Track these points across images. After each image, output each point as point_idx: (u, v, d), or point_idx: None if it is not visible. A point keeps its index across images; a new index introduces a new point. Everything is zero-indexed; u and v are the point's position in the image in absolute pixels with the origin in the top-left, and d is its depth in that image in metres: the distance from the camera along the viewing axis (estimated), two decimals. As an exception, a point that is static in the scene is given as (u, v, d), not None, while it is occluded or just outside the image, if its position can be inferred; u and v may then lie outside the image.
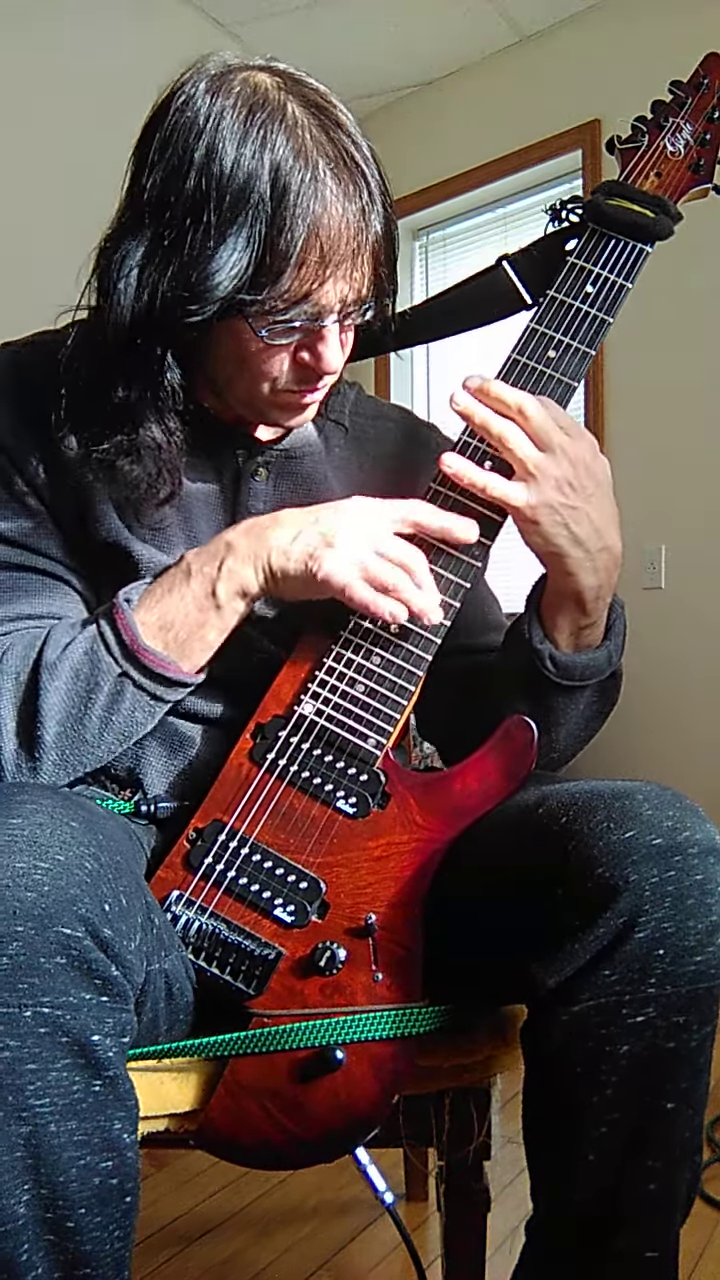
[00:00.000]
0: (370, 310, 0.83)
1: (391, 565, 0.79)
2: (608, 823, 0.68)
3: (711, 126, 0.94)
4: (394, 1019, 0.75)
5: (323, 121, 0.76)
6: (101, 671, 0.78)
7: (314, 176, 0.74)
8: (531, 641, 0.86)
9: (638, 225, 0.89)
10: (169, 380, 0.81)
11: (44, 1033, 0.59)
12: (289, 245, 0.74)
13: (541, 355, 0.87)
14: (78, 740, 0.79)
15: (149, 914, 0.70)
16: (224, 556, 0.80)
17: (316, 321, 0.79)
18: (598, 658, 0.88)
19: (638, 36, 2.75)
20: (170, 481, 0.84)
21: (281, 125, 0.74)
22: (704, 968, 0.67)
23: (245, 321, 0.77)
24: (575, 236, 0.92)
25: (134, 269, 0.77)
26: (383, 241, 0.80)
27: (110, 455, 0.81)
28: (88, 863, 0.62)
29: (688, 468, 2.69)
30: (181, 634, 0.79)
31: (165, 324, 0.77)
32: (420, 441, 1.02)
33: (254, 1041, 0.75)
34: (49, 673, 0.78)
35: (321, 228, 0.74)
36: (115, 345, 0.78)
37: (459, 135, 3.22)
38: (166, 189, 0.75)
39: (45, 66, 2.60)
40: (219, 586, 0.79)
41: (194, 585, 0.80)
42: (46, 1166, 0.59)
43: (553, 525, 0.81)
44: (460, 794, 0.80)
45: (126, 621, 0.79)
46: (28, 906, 0.58)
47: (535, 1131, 0.74)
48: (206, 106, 0.75)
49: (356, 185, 0.76)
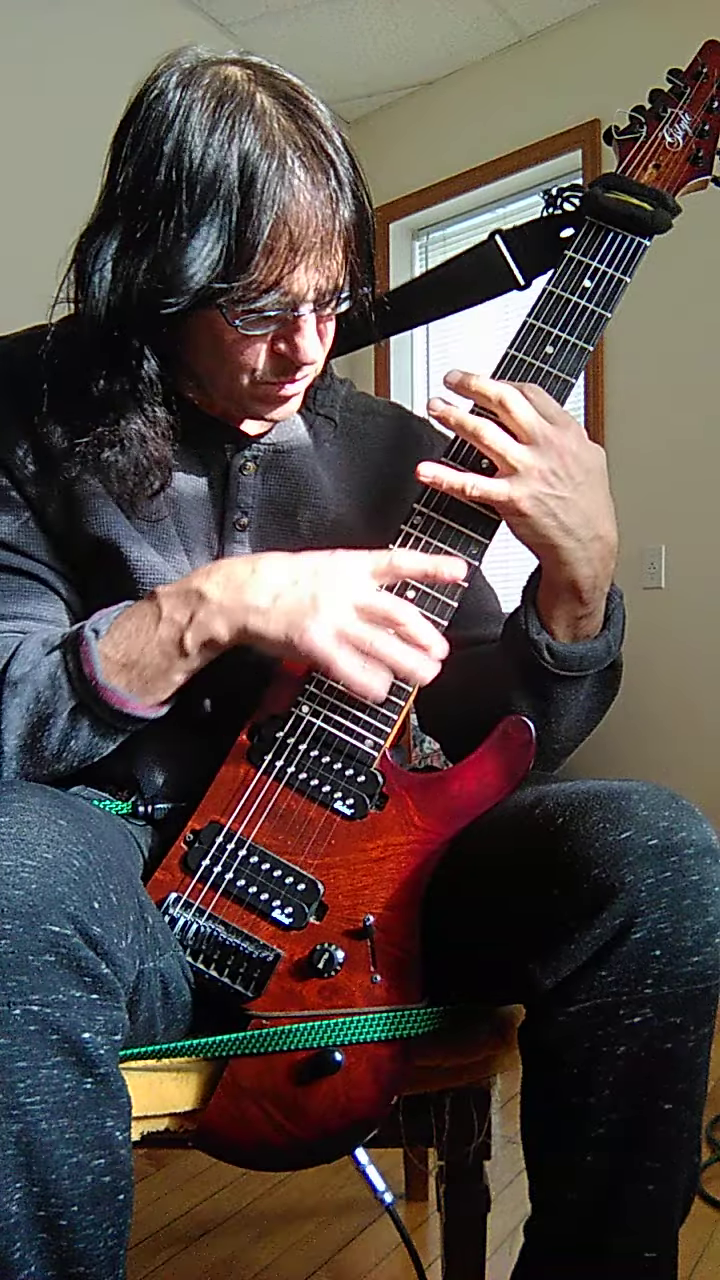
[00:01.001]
0: (346, 300, 0.83)
1: (375, 624, 0.78)
2: (604, 823, 0.68)
3: (711, 117, 0.93)
4: (392, 1020, 0.75)
5: (292, 111, 0.77)
6: (61, 700, 0.78)
7: (281, 165, 0.74)
8: (528, 633, 0.85)
9: (636, 219, 0.88)
10: (147, 371, 0.81)
11: (33, 1030, 0.59)
12: (257, 233, 0.74)
13: (539, 351, 0.86)
14: (37, 757, 0.79)
15: (142, 913, 0.70)
16: (195, 608, 0.77)
17: (291, 311, 0.79)
18: (596, 647, 0.87)
19: (638, 36, 2.75)
20: (160, 474, 0.84)
21: (250, 115, 0.75)
22: (701, 968, 0.68)
23: (220, 312, 0.77)
24: (570, 225, 0.91)
25: (108, 262, 0.77)
26: (354, 230, 0.80)
27: (95, 447, 0.81)
28: (76, 860, 0.62)
29: (688, 468, 2.69)
30: (146, 674, 0.78)
31: (141, 316, 0.77)
32: (412, 436, 1.02)
33: (253, 1042, 0.75)
34: (11, 689, 0.78)
35: (289, 215, 0.74)
36: (93, 338, 0.79)
37: (459, 135, 3.22)
38: (138, 182, 0.76)
39: (44, 66, 2.60)
40: (187, 636, 0.77)
41: (161, 630, 0.78)
42: (38, 1164, 0.60)
43: (540, 517, 0.80)
44: (457, 794, 0.80)
45: (89, 655, 0.77)
46: (15, 904, 0.58)
47: (534, 1132, 0.74)
48: (177, 99, 0.75)
49: (325, 174, 0.76)
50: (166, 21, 2.90)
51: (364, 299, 0.86)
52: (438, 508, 0.84)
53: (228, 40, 3.05)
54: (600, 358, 2.86)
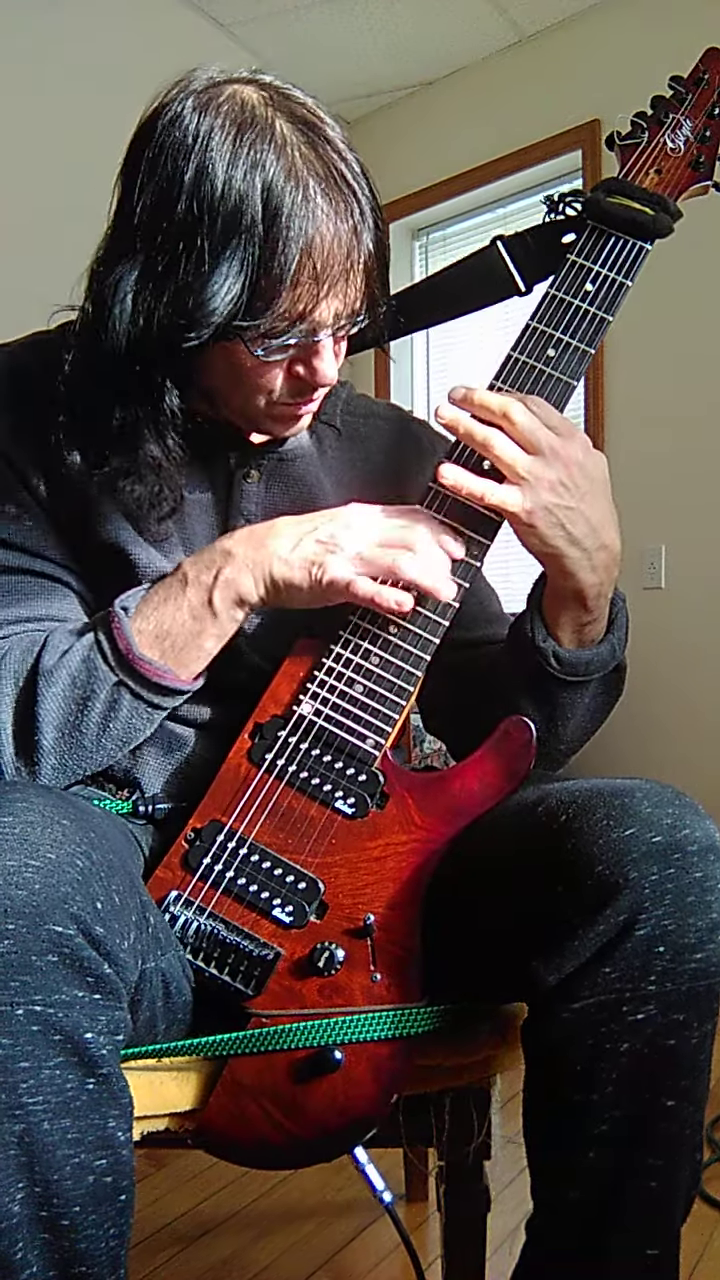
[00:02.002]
0: (364, 322, 0.83)
1: (393, 548, 0.80)
2: (607, 821, 0.68)
3: (712, 123, 0.93)
4: (393, 1019, 0.75)
5: (311, 138, 0.76)
6: (98, 680, 0.79)
7: (305, 197, 0.74)
8: (535, 640, 0.86)
9: (637, 223, 0.88)
10: (169, 404, 0.80)
11: (36, 1031, 0.59)
12: (283, 268, 0.73)
13: (541, 354, 0.86)
14: (76, 746, 0.79)
15: (144, 913, 0.70)
16: (221, 565, 0.80)
17: (311, 337, 0.79)
18: (601, 652, 0.88)
19: (638, 36, 2.75)
20: (171, 497, 0.84)
21: (271, 144, 0.74)
22: (704, 965, 0.67)
23: (242, 344, 0.77)
24: (572, 230, 0.92)
25: (128, 294, 0.76)
26: (374, 256, 0.80)
27: (110, 476, 0.82)
28: (79, 861, 0.62)
29: (688, 468, 2.69)
30: (179, 642, 0.80)
31: (162, 349, 0.76)
32: (412, 438, 1.02)
33: (253, 1041, 0.75)
34: (46, 679, 0.79)
35: (314, 248, 0.74)
36: (113, 370, 0.78)
37: (459, 135, 3.22)
38: (158, 212, 0.75)
39: (44, 66, 2.60)
40: (215, 595, 0.79)
41: (190, 594, 0.80)
42: (41, 1164, 0.59)
43: (549, 527, 0.80)
44: (459, 794, 0.80)
45: (122, 630, 0.79)
46: (19, 905, 0.58)
47: (535, 1130, 0.74)
48: (194, 125, 0.74)
49: (347, 203, 0.76)
50: (166, 21, 2.90)
51: (380, 316, 0.86)
52: (440, 509, 0.84)
53: (227, 40, 3.05)
54: (601, 359, 2.86)
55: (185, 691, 0.81)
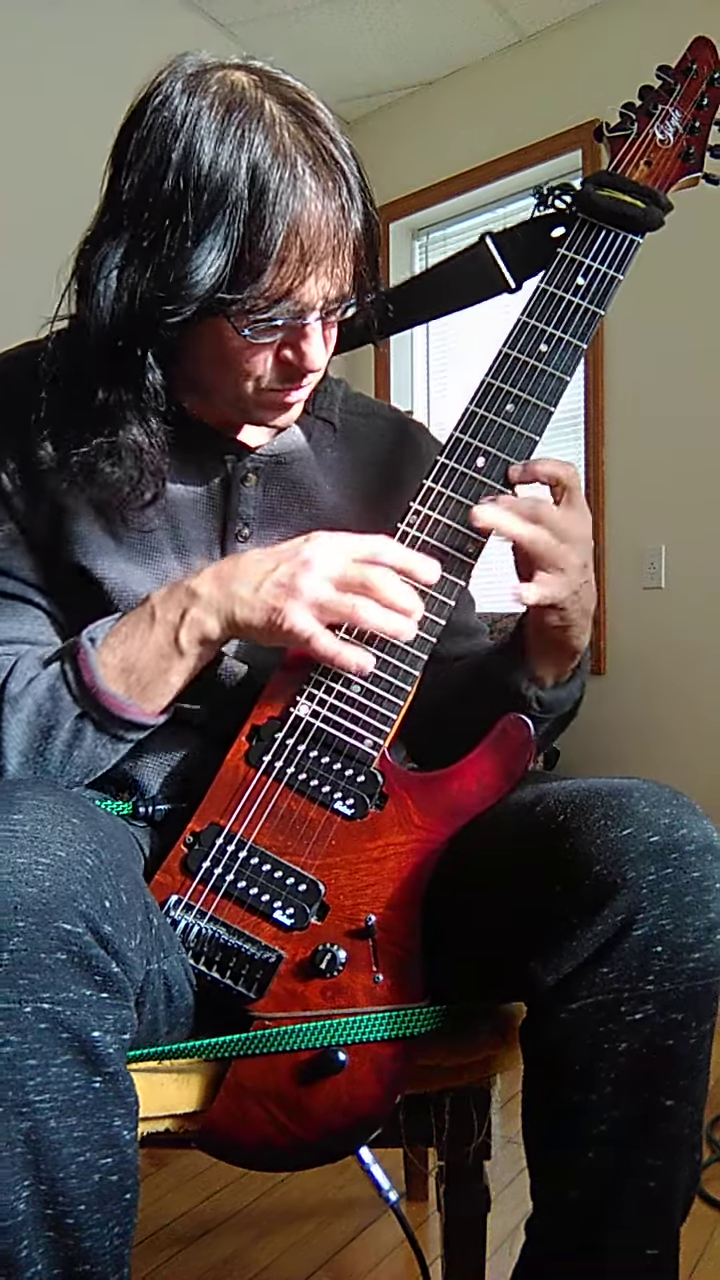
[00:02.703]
0: (353, 307, 0.83)
1: (352, 593, 0.78)
2: (605, 820, 0.69)
3: (701, 113, 0.93)
4: (395, 1020, 0.75)
5: (300, 119, 0.76)
6: (63, 710, 0.79)
7: (293, 174, 0.74)
8: (520, 689, 0.89)
9: (628, 216, 0.88)
10: (150, 381, 0.81)
11: (44, 1028, 0.59)
12: (269, 244, 0.74)
13: (533, 349, 0.86)
14: (40, 773, 0.79)
15: (148, 913, 0.70)
16: (187, 605, 0.79)
17: (299, 319, 0.79)
18: (573, 688, 0.92)
19: (638, 36, 2.75)
20: (153, 484, 0.84)
21: (259, 123, 0.74)
22: (702, 965, 0.68)
23: (227, 320, 0.77)
24: (561, 223, 0.91)
25: (114, 270, 0.77)
26: (363, 238, 0.80)
27: (91, 458, 0.81)
28: (88, 859, 0.62)
29: (688, 468, 2.69)
30: (144, 678, 0.79)
31: (146, 324, 0.77)
32: (411, 441, 1.02)
33: (255, 1043, 0.75)
34: (11, 706, 0.79)
35: (301, 225, 0.74)
36: (96, 347, 0.78)
37: (459, 135, 3.22)
38: (144, 190, 0.75)
39: (44, 66, 2.60)
40: (181, 634, 0.79)
41: (157, 631, 0.79)
42: (46, 1163, 0.60)
43: (573, 607, 0.83)
44: (457, 793, 0.80)
45: (88, 662, 0.79)
46: (28, 902, 0.59)
47: (535, 1130, 0.74)
48: (184, 106, 0.74)
49: (335, 182, 0.76)
50: (166, 21, 2.90)
51: (370, 304, 0.86)
52: (434, 506, 0.84)
53: (228, 40, 3.05)
54: (601, 359, 2.86)
55: (149, 725, 0.81)
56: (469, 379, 0.86)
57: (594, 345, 2.85)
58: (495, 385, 0.86)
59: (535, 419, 0.85)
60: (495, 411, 0.85)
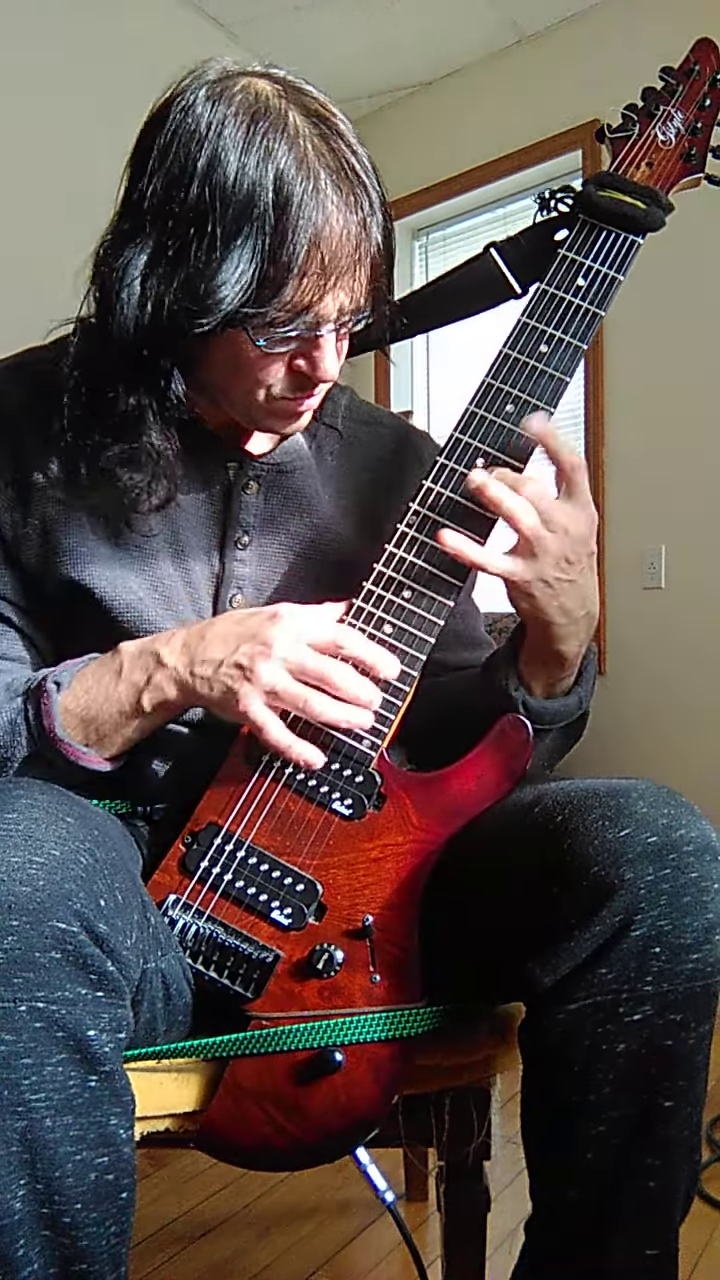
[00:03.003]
0: (368, 319, 0.83)
1: (308, 684, 0.77)
2: (603, 821, 0.69)
3: (703, 114, 0.93)
4: (392, 1020, 0.75)
5: (323, 131, 0.77)
6: (19, 745, 0.80)
7: (316, 188, 0.74)
8: (507, 689, 0.87)
9: (629, 217, 0.88)
10: (174, 390, 0.81)
11: (39, 1027, 0.59)
12: (291, 257, 0.74)
13: (533, 350, 0.86)
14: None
15: (145, 912, 0.70)
16: (152, 671, 0.79)
17: (314, 331, 0.79)
18: (569, 703, 0.89)
19: (638, 36, 2.75)
20: (165, 487, 0.85)
21: (283, 135, 0.74)
22: (701, 966, 0.68)
23: (245, 331, 0.77)
24: (564, 227, 0.91)
25: (137, 278, 0.76)
26: (382, 251, 0.80)
27: (111, 464, 0.82)
28: (83, 858, 0.62)
29: (688, 468, 2.69)
30: (103, 729, 0.80)
31: (172, 334, 0.76)
32: (413, 450, 1.02)
33: (253, 1043, 0.75)
34: None
35: (323, 239, 0.75)
36: (120, 355, 0.78)
37: (459, 135, 3.22)
38: (168, 197, 0.75)
39: (45, 66, 2.60)
40: (144, 696, 0.79)
41: (121, 689, 0.80)
42: (42, 1162, 0.60)
43: (545, 598, 0.81)
44: (456, 794, 0.80)
45: (49, 707, 0.79)
46: (22, 901, 0.59)
47: (534, 1131, 0.74)
48: (208, 114, 0.75)
49: (356, 196, 0.77)
50: (166, 21, 2.90)
51: (384, 315, 0.86)
52: (433, 507, 0.84)
53: (228, 40, 3.05)
54: (600, 357, 2.86)
55: (102, 771, 0.82)
56: (468, 381, 0.85)
57: (594, 345, 2.85)
58: (495, 386, 0.86)
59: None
60: (495, 412, 0.85)
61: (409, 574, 0.84)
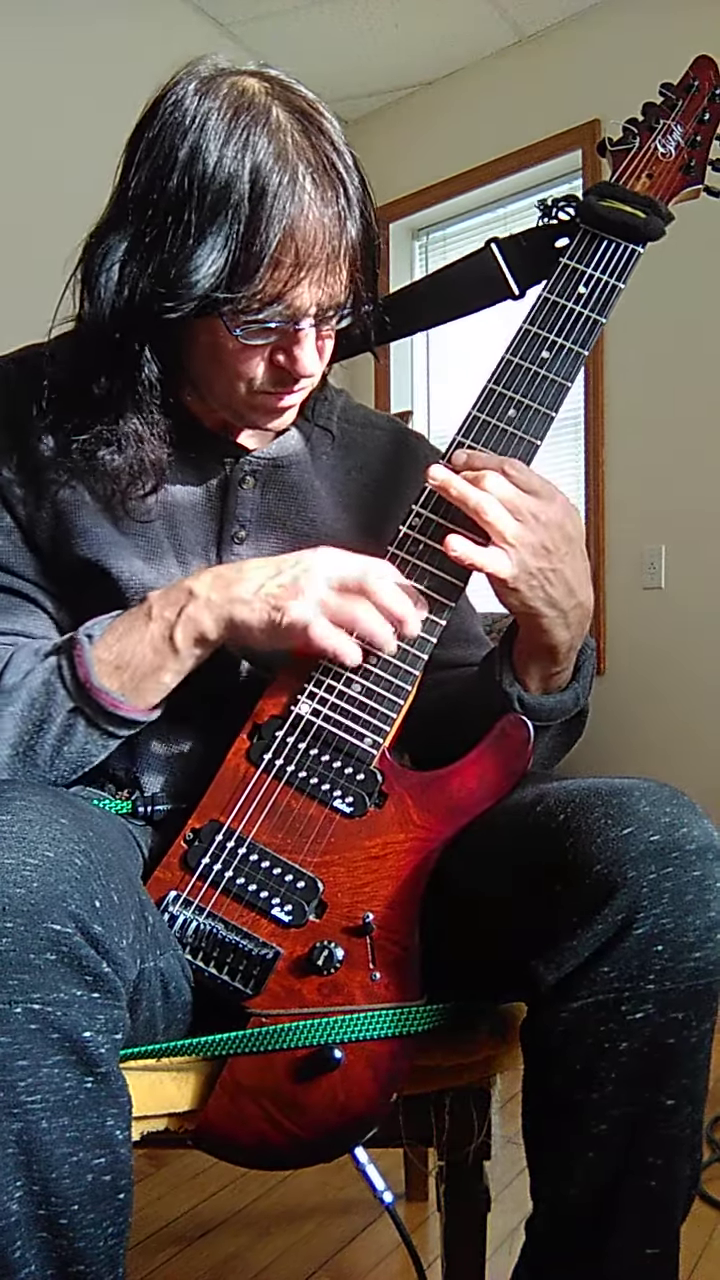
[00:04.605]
0: (348, 316, 0.84)
1: (351, 597, 0.79)
2: (605, 820, 0.68)
3: (702, 128, 0.95)
4: (392, 1018, 0.75)
5: (306, 127, 0.77)
6: (55, 704, 0.79)
7: (292, 179, 0.75)
8: (501, 685, 0.86)
9: (629, 226, 0.89)
10: (147, 374, 0.82)
11: (34, 1029, 0.59)
12: (264, 246, 0.74)
13: (535, 356, 0.87)
14: (29, 765, 0.79)
15: (142, 912, 0.70)
16: (184, 604, 0.80)
17: (291, 324, 0.79)
18: (565, 699, 0.89)
19: (638, 36, 2.75)
20: (154, 476, 0.85)
21: (264, 128, 0.75)
22: (703, 964, 0.67)
23: (221, 320, 0.78)
24: (565, 234, 0.93)
25: (115, 264, 0.78)
26: (360, 248, 0.80)
27: (91, 445, 0.83)
28: (77, 859, 0.62)
29: (688, 468, 2.69)
30: (138, 674, 0.80)
31: (143, 318, 0.78)
32: (409, 451, 1.02)
33: (252, 1040, 0.75)
34: (5, 697, 0.79)
35: (297, 230, 0.75)
36: (95, 338, 0.80)
37: (459, 135, 3.22)
38: (150, 187, 0.76)
39: (44, 66, 2.60)
40: (177, 632, 0.79)
41: (153, 628, 0.80)
42: (39, 1163, 0.59)
43: (530, 590, 0.81)
44: (457, 792, 0.80)
45: (83, 658, 0.79)
46: (16, 903, 0.58)
47: (535, 1129, 0.74)
48: (194, 108, 0.76)
49: (335, 190, 0.77)
50: (166, 21, 2.90)
51: (366, 315, 0.87)
52: (435, 510, 0.85)
53: (228, 40, 3.05)
54: (601, 361, 2.86)
55: (141, 722, 0.81)
56: (468, 382, 0.86)
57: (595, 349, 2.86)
58: (498, 391, 0.87)
59: (537, 424, 0.86)
60: (498, 416, 0.86)
61: (411, 575, 0.84)
